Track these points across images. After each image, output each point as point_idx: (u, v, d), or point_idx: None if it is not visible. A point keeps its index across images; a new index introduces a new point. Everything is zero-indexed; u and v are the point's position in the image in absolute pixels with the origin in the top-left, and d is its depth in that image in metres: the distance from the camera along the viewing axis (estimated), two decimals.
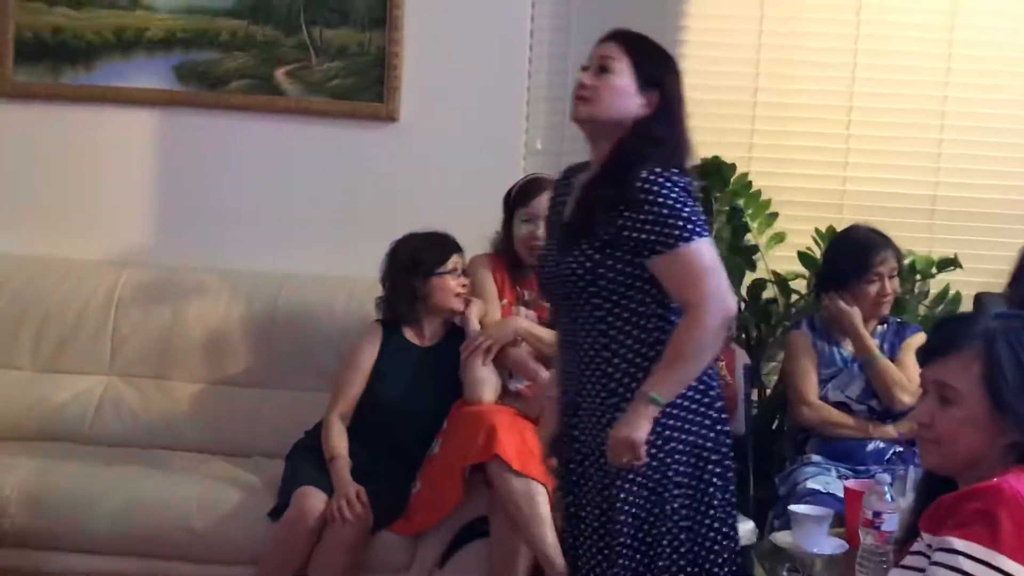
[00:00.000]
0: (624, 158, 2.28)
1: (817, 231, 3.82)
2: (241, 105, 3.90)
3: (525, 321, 3.30)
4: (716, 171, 3.85)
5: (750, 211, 3.89)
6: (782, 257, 3.92)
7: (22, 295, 3.70)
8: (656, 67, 2.35)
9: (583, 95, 2.32)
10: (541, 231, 3.27)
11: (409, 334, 3.33)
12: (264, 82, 3.89)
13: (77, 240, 3.88)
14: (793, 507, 2.67)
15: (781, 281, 3.88)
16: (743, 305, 3.82)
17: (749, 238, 3.90)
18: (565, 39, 3.96)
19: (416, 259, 3.29)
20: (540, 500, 3.00)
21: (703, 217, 2.29)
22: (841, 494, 2.76)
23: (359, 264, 3.54)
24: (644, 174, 2.22)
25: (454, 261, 3.32)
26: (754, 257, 3.90)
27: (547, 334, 3.20)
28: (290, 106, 3.90)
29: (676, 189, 2.23)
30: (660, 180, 2.22)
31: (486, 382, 3.20)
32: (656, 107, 2.31)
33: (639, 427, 2.22)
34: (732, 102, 3.98)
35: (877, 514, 2.24)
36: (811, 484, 3.08)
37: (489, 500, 3.07)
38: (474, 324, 3.27)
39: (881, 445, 3.23)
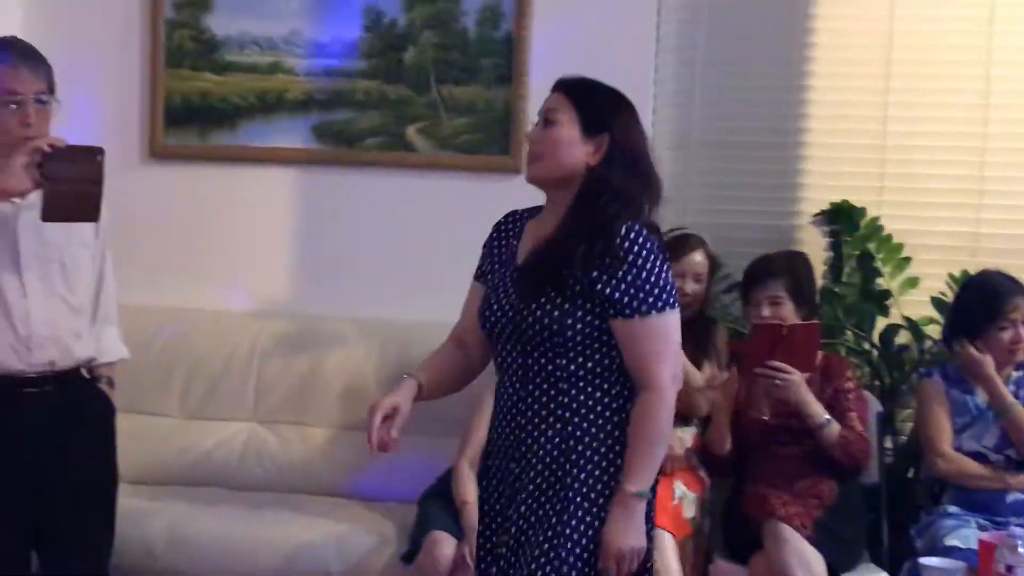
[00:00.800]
0: (590, 211, 2.14)
1: (951, 275, 3.75)
2: (375, 161, 4.06)
3: None
4: (846, 215, 3.83)
5: (881, 255, 3.84)
6: (915, 302, 3.85)
7: (172, 346, 3.89)
8: (601, 110, 2.20)
9: (532, 151, 2.23)
10: (689, 287, 3.32)
11: None
12: (396, 139, 4.04)
13: (222, 292, 4.08)
14: (923, 560, 2.62)
15: (914, 327, 3.80)
16: (875, 352, 3.76)
17: (881, 283, 3.84)
18: (689, 87, 4.02)
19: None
20: (667, 547, 3.01)
21: (675, 285, 2.17)
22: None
23: None
24: (624, 231, 2.10)
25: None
26: (887, 302, 3.84)
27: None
28: (421, 161, 4.04)
29: (656, 251, 2.12)
30: (640, 240, 2.11)
31: None
32: (607, 151, 2.16)
33: (638, 533, 2.13)
34: (861, 145, 3.95)
35: (1010, 568, 2.19)
36: (950, 540, 3.00)
37: None
38: None
39: (1021, 496, 3.13)
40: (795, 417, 3.22)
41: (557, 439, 2.15)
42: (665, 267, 2.12)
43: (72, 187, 2.41)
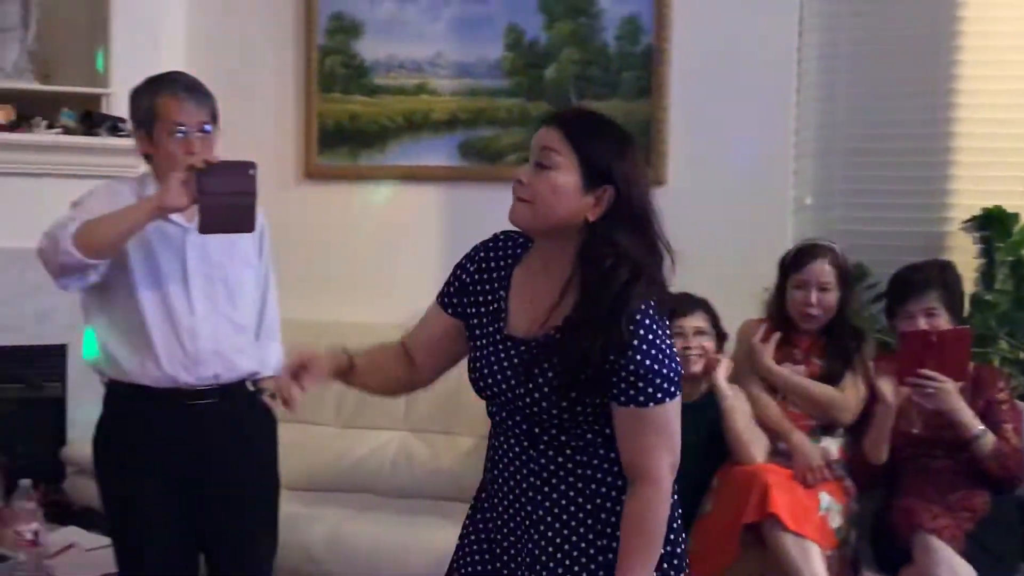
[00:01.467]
0: (602, 288, 1.86)
1: None
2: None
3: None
4: (998, 221, 3.73)
5: None
6: None
7: None
8: (605, 157, 1.88)
9: (521, 195, 1.93)
10: (814, 297, 3.31)
11: None
12: None
13: (373, 306, 4.22)
14: None
15: None
16: None
17: None
18: (832, 93, 3.99)
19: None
20: (815, 559, 2.99)
21: (680, 371, 1.93)
22: None
23: None
24: (638, 317, 1.85)
25: (689, 324, 3.35)
26: None
27: (815, 387, 3.24)
28: None
29: (666, 339, 1.89)
30: (653, 328, 1.87)
31: (755, 441, 3.23)
32: (610, 205, 1.87)
33: None
34: (1013, 149, 3.84)
35: None
36: None
37: (763, 559, 3.09)
38: (722, 385, 3.30)
39: None
40: (947, 430, 3.16)
41: (572, 507, 1.96)
42: (671, 352, 1.89)
43: (226, 200, 2.52)
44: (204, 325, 2.66)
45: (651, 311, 1.87)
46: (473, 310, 2.05)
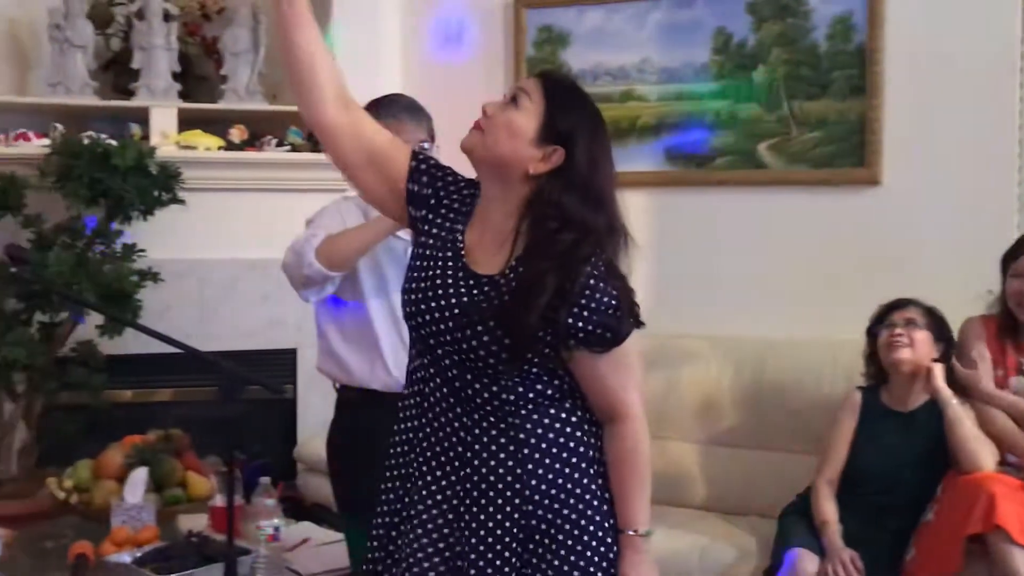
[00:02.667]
0: (544, 246, 1.82)
1: None
2: (725, 180, 4.14)
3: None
4: None
5: None
6: None
7: None
8: (568, 122, 1.87)
9: (479, 122, 1.91)
10: None
11: (888, 399, 3.33)
12: (747, 157, 4.10)
13: None
14: None
15: None
16: None
17: None
18: None
19: (874, 318, 3.32)
20: None
21: (631, 304, 1.85)
22: None
23: (844, 328, 3.60)
24: (584, 277, 1.79)
25: (900, 315, 3.28)
26: None
27: None
28: (772, 178, 4.07)
29: (611, 287, 1.81)
30: (599, 281, 1.80)
31: (983, 449, 3.12)
32: (556, 167, 1.85)
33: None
34: None
35: None
36: None
37: (988, 572, 2.98)
38: (944, 392, 3.19)
39: None
40: None
41: (510, 477, 1.85)
42: (617, 293, 1.81)
43: None
44: None
45: (598, 267, 1.81)
46: (430, 216, 1.97)
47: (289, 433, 4.46)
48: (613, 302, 1.81)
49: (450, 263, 1.91)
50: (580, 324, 1.80)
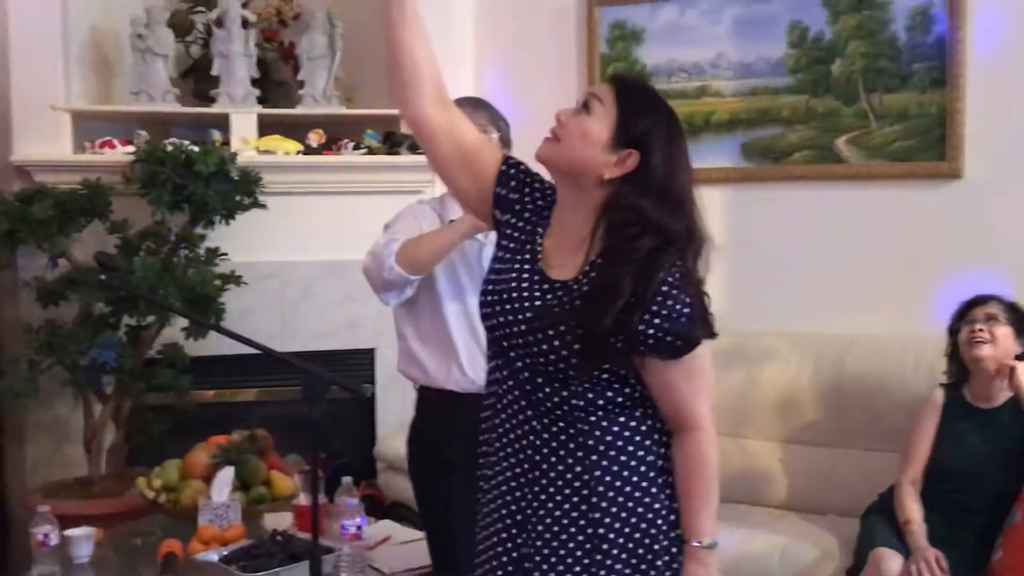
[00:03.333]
0: (624, 253, 1.81)
1: None
2: (803, 175, 4.10)
3: None
4: None
5: None
6: None
7: None
8: (641, 125, 1.85)
9: (552, 132, 1.91)
10: None
11: (970, 397, 3.27)
12: (825, 151, 4.05)
13: None
14: None
15: None
16: None
17: None
18: None
19: (955, 314, 3.28)
20: None
21: (712, 316, 1.85)
22: None
23: (926, 324, 3.54)
24: (662, 284, 1.77)
25: (981, 311, 3.22)
26: None
27: None
28: (851, 172, 4.02)
29: (688, 294, 1.79)
30: (676, 288, 1.78)
31: None
32: (631, 172, 1.84)
33: None
34: None
35: None
36: None
37: None
38: (1023, 386, 3.13)
39: None
40: None
41: (577, 483, 1.86)
42: (694, 301, 1.80)
43: None
44: None
45: (674, 274, 1.80)
46: (513, 220, 1.99)
47: (368, 432, 4.52)
48: (686, 310, 1.79)
49: (527, 267, 1.93)
50: (652, 331, 1.79)
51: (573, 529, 1.86)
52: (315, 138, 4.39)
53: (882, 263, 3.95)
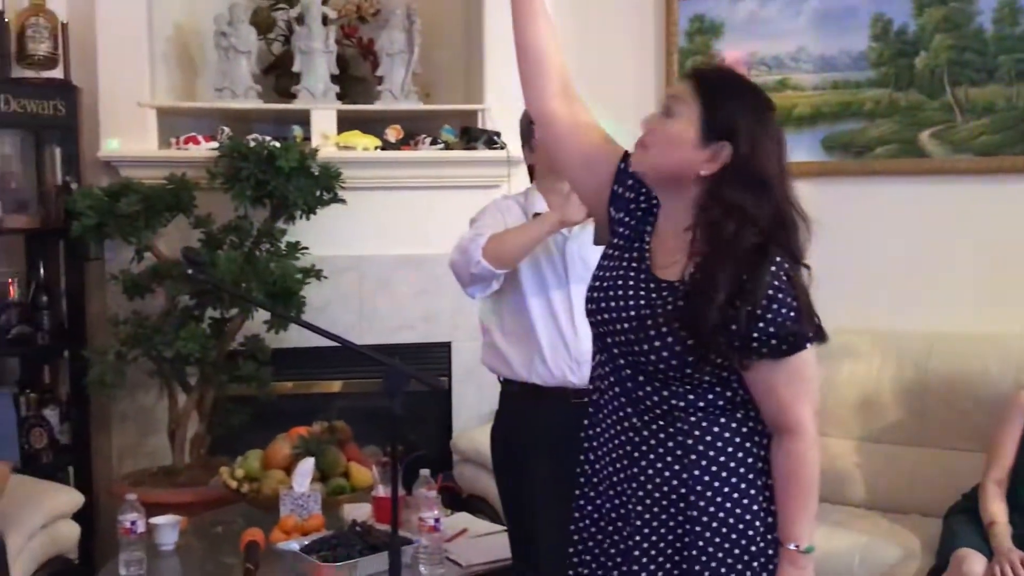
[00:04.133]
0: (724, 248, 1.78)
1: None
2: (885, 170, 4.03)
3: None
4: None
5: None
6: None
7: None
8: (728, 115, 1.81)
9: (641, 139, 1.88)
10: None
11: None
12: (908, 146, 3.99)
13: None
14: None
15: None
16: None
17: None
18: None
19: None
20: None
21: (818, 318, 1.84)
22: None
23: (1011, 322, 3.46)
24: (768, 277, 1.76)
25: None
26: None
27: None
28: (935, 167, 3.94)
29: (795, 293, 1.79)
30: (784, 284, 1.78)
31: None
32: (726, 163, 1.80)
33: None
34: None
35: None
36: None
37: None
38: None
39: None
40: None
41: (675, 481, 1.86)
42: (802, 303, 1.80)
43: None
44: (585, 328, 2.81)
45: (783, 270, 1.78)
46: (626, 219, 1.97)
47: (444, 425, 4.55)
48: (792, 312, 1.78)
49: (634, 265, 1.92)
50: (757, 332, 1.77)
51: (671, 523, 1.87)
52: (393, 133, 4.42)
53: (966, 260, 3.88)
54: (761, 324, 1.76)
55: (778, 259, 1.79)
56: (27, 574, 3.31)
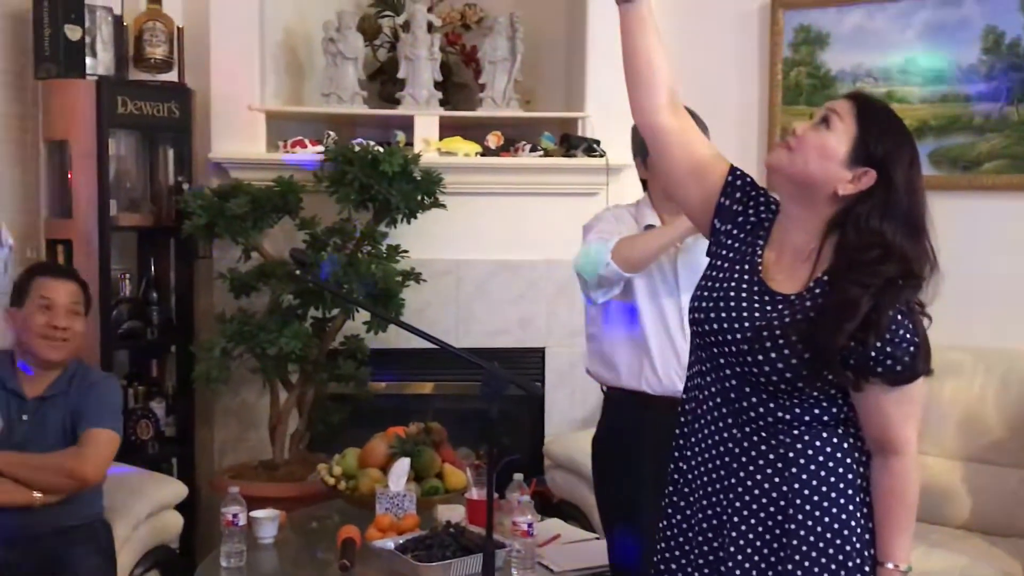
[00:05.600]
0: (861, 275, 1.78)
1: None
2: (994, 185, 3.95)
3: None
4: None
5: None
6: None
7: None
8: (883, 144, 1.83)
9: (788, 142, 1.90)
10: None
11: None
12: (1019, 161, 3.90)
13: None
14: None
15: None
16: None
17: None
18: None
19: None
20: None
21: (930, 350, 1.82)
22: None
23: None
24: (898, 317, 1.78)
25: None
26: None
27: None
28: None
29: (916, 321, 1.81)
30: (908, 313, 1.80)
31: None
32: (867, 191, 1.82)
33: None
34: None
35: None
36: None
37: None
38: None
39: None
40: None
41: (775, 494, 1.87)
42: (920, 332, 1.81)
43: None
44: None
45: (904, 306, 1.80)
46: (734, 231, 1.99)
47: (537, 430, 4.57)
48: (916, 340, 1.80)
49: (746, 277, 1.93)
50: (880, 357, 1.78)
51: (768, 536, 1.87)
52: (493, 140, 4.46)
53: None
54: (882, 356, 1.78)
55: (908, 296, 1.81)
56: (132, 562, 3.42)
